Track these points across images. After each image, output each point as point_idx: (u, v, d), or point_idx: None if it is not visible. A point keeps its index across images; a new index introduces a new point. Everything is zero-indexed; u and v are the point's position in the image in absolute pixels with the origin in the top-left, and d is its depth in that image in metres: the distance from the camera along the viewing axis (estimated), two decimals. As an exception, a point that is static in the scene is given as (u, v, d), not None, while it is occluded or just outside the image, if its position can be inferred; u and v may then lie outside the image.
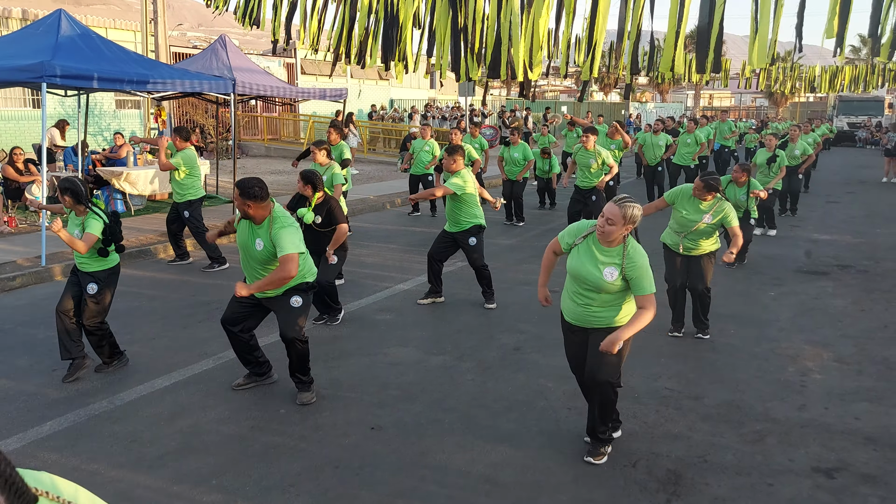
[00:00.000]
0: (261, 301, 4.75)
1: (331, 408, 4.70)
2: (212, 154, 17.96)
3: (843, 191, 17.14)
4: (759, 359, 5.68)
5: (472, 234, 6.81)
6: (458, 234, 6.85)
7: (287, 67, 26.52)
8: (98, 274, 5.13)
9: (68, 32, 9.53)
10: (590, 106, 35.31)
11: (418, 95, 33.34)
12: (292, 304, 4.66)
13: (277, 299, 4.70)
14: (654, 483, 3.80)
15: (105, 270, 5.16)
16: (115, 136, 13.26)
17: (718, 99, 66.99)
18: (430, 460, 4.03)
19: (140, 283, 7.92)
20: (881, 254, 9.72)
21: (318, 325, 6.38)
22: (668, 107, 42.20)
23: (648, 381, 5.18)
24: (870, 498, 3.69)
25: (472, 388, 5.03)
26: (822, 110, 42.83)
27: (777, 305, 7.19)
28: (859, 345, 6.03)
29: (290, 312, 4.66)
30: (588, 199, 9.52)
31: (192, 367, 5.35)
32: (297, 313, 4.67)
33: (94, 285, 5.10)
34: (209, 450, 4.12)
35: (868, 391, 5.05)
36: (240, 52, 13.20)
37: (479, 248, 6.87)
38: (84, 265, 5.14)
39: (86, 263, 5.13)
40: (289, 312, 4.66)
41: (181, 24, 25.62)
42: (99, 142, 17.62)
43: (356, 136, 19.93)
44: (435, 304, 7.07)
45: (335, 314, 6.46)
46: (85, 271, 5.14)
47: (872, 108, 37.19)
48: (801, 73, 27.09)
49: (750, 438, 4.32)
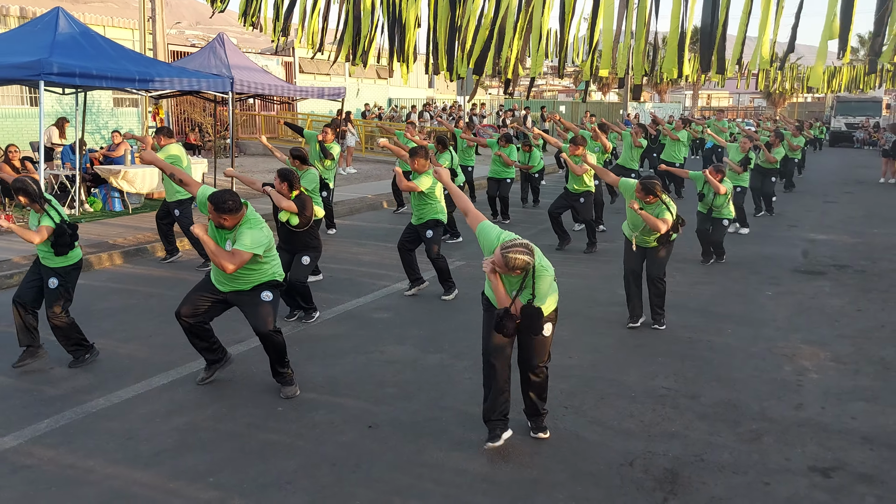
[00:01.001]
0: (227, 296, 4.81)
1: (327, 406, 4.69)
2: (210, 152, 17.94)
3: (841, 191, 17.16)
4: (756, 358, 5.68)
5: (430, 227, 7.21)
6: (419, 226, 7.26)
7: (285, 66, 26.49)
8: (60, 269, 5.23)
9: (66, 30, 9.51)
10: (588, 106, 35.31)
11: (417, 95, 33.30)
12: (263, 298, 4.75)
13: (246, 295, 4.76)
14: (650, 482, 3.80)
15: (66, 266, 5.25)
16: (113, 135, 13.23)
17: (717, 99, 67.04)
18: (427, 458, 4.03)
19: (137, 280, 7.91)
20: (878, 254, 9.73)
21: (293, 322, 6.39)
22: (667, 107, 42.16)
23: (645, 379, 5.19)
24: (866, 497, 3.69)
25: (469, 386, 5.03)
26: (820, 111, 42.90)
27: (774, 305, 7.19)
28: (856, 344, 6.03)
29: (261, 306, 4.74)
30: (576, 202, 9.60)
31: (188, 365, 5.34)
32: (268, 307, 4.76)
33: (55, 280, 5.21)
34: (206, 447, 4.11)
35: (865, 391, 5.06)
36: (238, 51, 13.19)
37: (436, 240, 7.24)
38: (46, 259, 5.22)
39: (47, 258, 5.21)
40: (259, 306, 4.74)
41: (179, 22, 25.60)
42: (97, 140, 17.57)
43: (354, 135, 19.91)
44: (432, 303, 7.07)
45: (310, 312, 6.51)
46: (47, 265, 5.22)
47: (870, 108, 37.23)
48: (800, 74, 27.12)
49: (747, 437, 4.32)
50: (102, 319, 6.48)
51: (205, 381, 5.01)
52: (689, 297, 7.40)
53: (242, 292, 4.75)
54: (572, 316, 6.65)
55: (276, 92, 12.53)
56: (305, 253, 6.35)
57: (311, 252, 6.39)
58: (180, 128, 21.43)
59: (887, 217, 13.12)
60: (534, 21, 6.27)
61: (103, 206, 11.70)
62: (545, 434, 4.28)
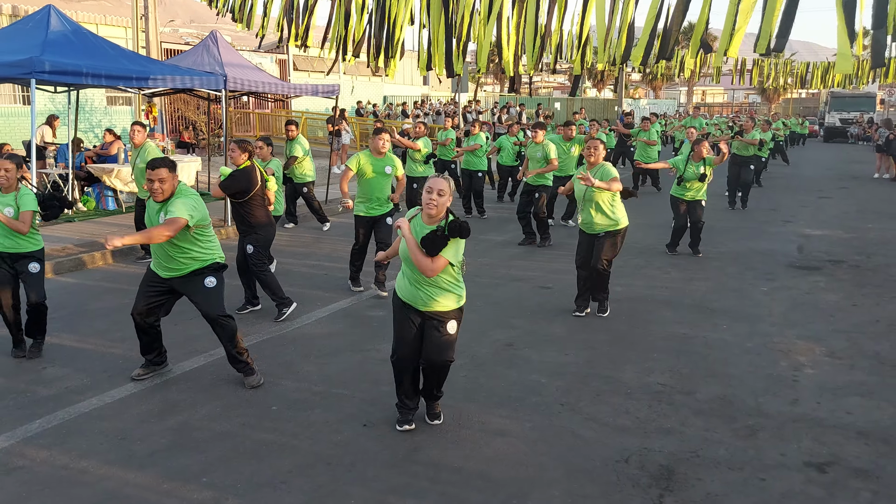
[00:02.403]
0: (172, 286, 4.85)
1: (323, 405, 4.68)
2: (203, 150, 17.87)
3: (836, 186, 17.19)
4: (752, 354, 5.68)
5: (391, 214, 7.25)
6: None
7: (279, 64, 26.41)
8: (37, 253, 5.33)
9: (58, 28, 9.46)
10: (583, 102, 35.29)
11: (412, 92, 33.25)
12: (206, 285, 4.80)
13: (190, 283, 4.80)
14: (646, 478, 3.80)
15: (42, 249, 5.38)
16: (105, 133, 13.16)
17: (711, 95, 67.14)
18: (423, 456, 4.02)
19: (130, 279, 7.86)
20: (872, 249, 9.75)
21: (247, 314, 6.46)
22: (661, 103, 42.23)
23: (641, 375, 5.18)
24: (861, 492, 3.69)
25: (465, 383, 5.02)
26: (815, 106, 42.99)
27: (769, 300, 7.20)
28: (851, 339, 6.04)
29: (208, 293, 4.81)
30: (533, 196, 9.70)
31: (182, 365, 5.31)
32: (215, 292, 4.83)
33: (36, 264, 5.30)
34: (199, 447, 4.09)
35: (860, 385, 5.06)
36: (231, 48, 13.13)
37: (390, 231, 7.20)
38: (16, 248, 5.24)
39: (20, 245, 5.24)
40: (206, 294, 4.81)
41: (173, 20, 25.47)
42: (90, 138, 17.49)
43: (349, 132, 19.87)
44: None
45: (282, 309, 6.39)
46: (21, 252, 5.26)
47: (864, 104, 37.35)
48: (794, 69, 27.13)
49: (742, 433, 4.32)
50: (96, 319, 6.45)
51: (140, 377, 5.00)
52: (685, 293, 7.41)
53: (186, 279, 4.79)
54: (566, 313, 6.65)
55: (270, 89, 12.48)
56: (247, 239, 6.36)
57: (251, 238, 6.37)
58: (174, 126, 21.36)
59: (881, 212, 13.15)
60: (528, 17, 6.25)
61: (97, 204, 11.65)
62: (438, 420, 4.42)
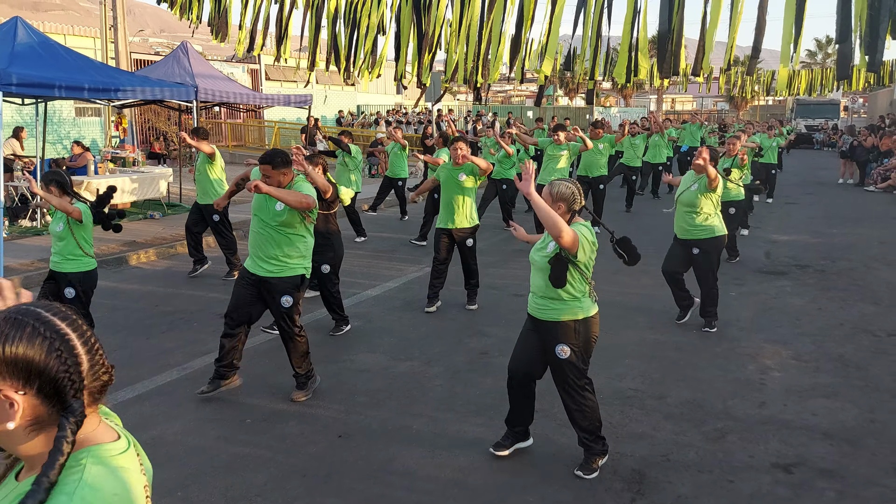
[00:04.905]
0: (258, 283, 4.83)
1: (298, 416, 4.68)
2: (175, 161, 17.72)
3: (802, 192, 17.55)
4: (721, 358, 5.79)
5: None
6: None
7: (251, 73, 26.31)
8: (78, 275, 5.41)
9: (25, 40, 9.36)
10: (555, 111, 35.60)
11: (385, 101, 33.31)
12: (283, 304, 4.83)
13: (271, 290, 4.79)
14: (618, 483, 3.86)
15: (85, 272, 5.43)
16: (73, 146, 13.00)
17: (681, 103, 68.11)
18: (398, 466, 4.04)
19: (101, 294, 7.74)
20: (837, 253, 9.98)
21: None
22: (632, 111, 42.71)
23: (613, 381, 5.26)
24: (826, 491, 3.79)
25: (440, 392, 5.05)
26: (782, 113, 43.81)
27: (738, 305, 7.34)
28: (816, 342, 6.19)
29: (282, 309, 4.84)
30: (500, 188, 10.51)
31: (155, 379, 5.27)
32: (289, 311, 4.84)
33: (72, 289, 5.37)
34: (174, 461, 4.07)
35: (825, 387, 5.19)
36: (202, 59, 13.08)
37: None
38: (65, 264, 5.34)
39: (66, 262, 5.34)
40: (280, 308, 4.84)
41: (142, 29, 25.34)
42: (59, 150, 17.25)
43: (322, 141, 19.84)
44: (402, 310, 7.07)
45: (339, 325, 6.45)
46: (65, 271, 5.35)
47: (829, 111, 38.14)
48: (760, 77, 27.66)
49: (712, 436, 4.41)
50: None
51: (204, 393, 4.90)
52: (655, 299, 7.52)
53: (270, 284, 4.77)
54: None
55: (241, 100, 12.45)
56: (323, 259, 6.26)
57: (328, 258, 6.32)
58: (145, 136, 21.14)
59: (846, 217, 13.46)
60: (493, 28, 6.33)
61: (66, 217, 11.46)
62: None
